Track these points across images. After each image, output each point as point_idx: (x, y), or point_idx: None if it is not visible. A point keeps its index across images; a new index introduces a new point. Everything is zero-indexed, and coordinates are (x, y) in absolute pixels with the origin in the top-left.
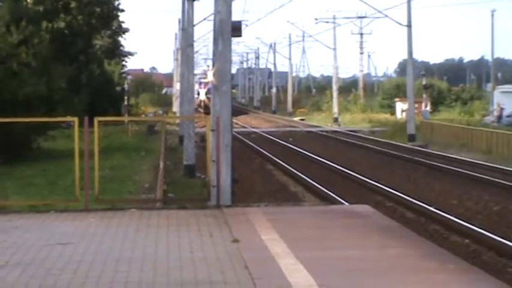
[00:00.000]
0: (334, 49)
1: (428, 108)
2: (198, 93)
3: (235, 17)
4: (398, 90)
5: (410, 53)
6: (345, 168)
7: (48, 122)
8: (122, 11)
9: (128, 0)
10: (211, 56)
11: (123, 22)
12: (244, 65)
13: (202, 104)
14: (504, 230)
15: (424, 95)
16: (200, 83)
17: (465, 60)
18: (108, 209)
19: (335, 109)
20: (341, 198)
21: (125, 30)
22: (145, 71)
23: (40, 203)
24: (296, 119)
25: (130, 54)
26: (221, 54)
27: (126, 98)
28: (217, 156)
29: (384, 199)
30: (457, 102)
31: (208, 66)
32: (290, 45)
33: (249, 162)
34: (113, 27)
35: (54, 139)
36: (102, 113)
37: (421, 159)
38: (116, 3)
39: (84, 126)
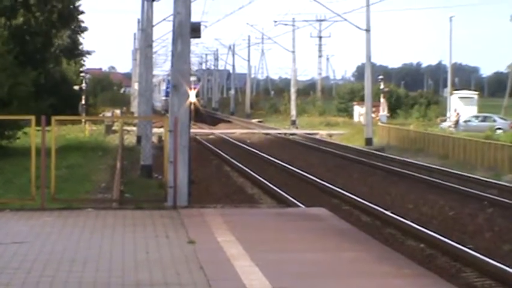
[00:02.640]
0: (293, 52)
1: (386, 112)
2: (168, 95)
3: (194, 18)
4: (353, 95)
5: (368, 57)
6: (302, 170)
7: (5, 120)
8: (82, 12)
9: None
10: (170, 57)
11: (82, 21)
12: (203, 66)
13: (192, 106)
14: (458, 234)
15: (382, 100)
16: (168, 87)
17: (423, 65)
18: (64, 209)
19: (293, 112)
20: (297, 200)
21: (84, 29)
22: (103, 70)
23: None
24: (254, 121)
25: (89, 53)
26: (180, 55)
27: (83, 97)
28: (175, 157)
29: (340, 202)
30: (414, 107)
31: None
32: (249, 47)
33: (206, 163)
34: (72, 26)
35: (10, 138)
36: (59, 112)
37: (378, 163)
38: (77, 3)
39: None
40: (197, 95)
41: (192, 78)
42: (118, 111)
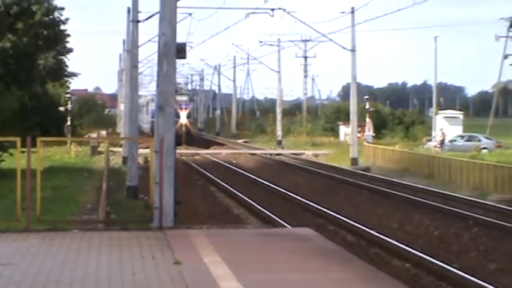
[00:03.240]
0: (279, 72)
1: (371, 132)
2: (178, 116)
3: (180, 39)
4: (339, 114)
5: (354, 76)
6: (287, 190)
7: None
8: (68, 35)
9: (73, 21)
10: (155, 77)
11: (67, 42)
12: (189, 87)
13: (183, 128)
14: (444, 254)
15: (367, 119)
16: (180, 105)
17: (408, 85)
18: (50, 230)
19: (279, 132)
20: (283, 221)
21: (69, 50)
22: (89, 91)
23: None
24: (240, 141)
25: (75, 75)
26: (166, 75)
27: (69, 118)
28: (160, 178)
29: (326, 222)
30: (400, 126)
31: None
32: (235, 67)
33: (192, 184)
34: (57, 47)
35: None
36: (45, 133)
37: (364, 183)
38: (62, 27)
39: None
40: (188, 116)
41: (183, 98)
42: (104, 132)
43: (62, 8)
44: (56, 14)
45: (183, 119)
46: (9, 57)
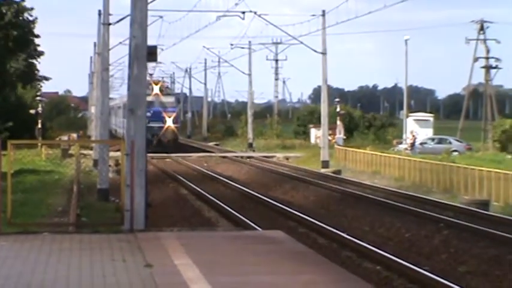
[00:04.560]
0: (249, 74)
1: (342, 135)
2: (164, 121)
3: (150, 42)
4: (312, 117)
5: (325, 79)
6: (258, 193)
7: None
8: (38, 36)
9: (43, 24)
10: (126, 80)
11: (38, 45)
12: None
13: (169, 135)
14: (415, 256)
15: (338, 122)
16: (165, 108)
17: (379, 88)
18: (20, 233)
19: (250, 134)
20: (254, 223)
21: (40, 54)
22: (60, 93)
23: None
24: (211, 144)
25: (46, 78)
26: (136, 78)
27: (40, 121)
28: (132, 181)
29: (296, 225)
30: (370, 129)
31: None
32: (205, 70)
33: (163, 186)
34: (28, 50)
35: None
36: (15, 136)
37: (335, 186)
38: (31, 26)
39: None
40: (175, 121)
41: (169, 100)
42: (74, 135)
43: (32, 9)
44: (26, 14)
45: (170, 123)
46: None
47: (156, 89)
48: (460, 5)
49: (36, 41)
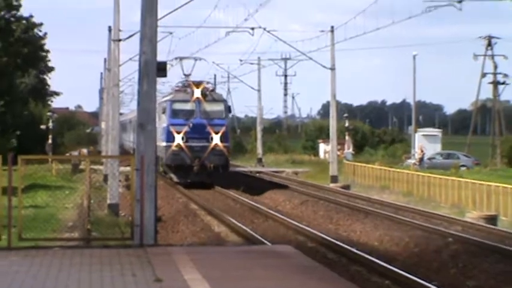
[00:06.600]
0: (259, 90)
1: (351, 150)
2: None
3: (160, 58)
4: (321, 132)
5: (333, 95)
6: (268, 208)
7: None
8: (48, 51)
9: (53, 40)
10: (136, 96)
11: (48, 60)
12: None
13: (216, 159)
14: (423, 271)
15: (347, 137)
16: (211, 120)
17: (388, 103)
18: (31, 248)
19: (259, 149)
20: (263, 238)
21: (51, 69)
22: (70, 109)
23: None
24: None
25: (56, 94)
26: (146, 94)
27: (50, 136)
28: (141, 196)
29: (306, 240)
30: (380, 144)
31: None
32: (215, 85)
33: (173, 201)
34: (39, 66)
35: None
36: (26, 151)
37: (344, 201)
38: (42, 42)
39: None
40: (224, 139)
41: (217, 108)
42: (85, 150)
43: (41, 24)
44: (35, 30)
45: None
46: None
47: (198, 92)
48: (467, 21)
49: (47, 56)
